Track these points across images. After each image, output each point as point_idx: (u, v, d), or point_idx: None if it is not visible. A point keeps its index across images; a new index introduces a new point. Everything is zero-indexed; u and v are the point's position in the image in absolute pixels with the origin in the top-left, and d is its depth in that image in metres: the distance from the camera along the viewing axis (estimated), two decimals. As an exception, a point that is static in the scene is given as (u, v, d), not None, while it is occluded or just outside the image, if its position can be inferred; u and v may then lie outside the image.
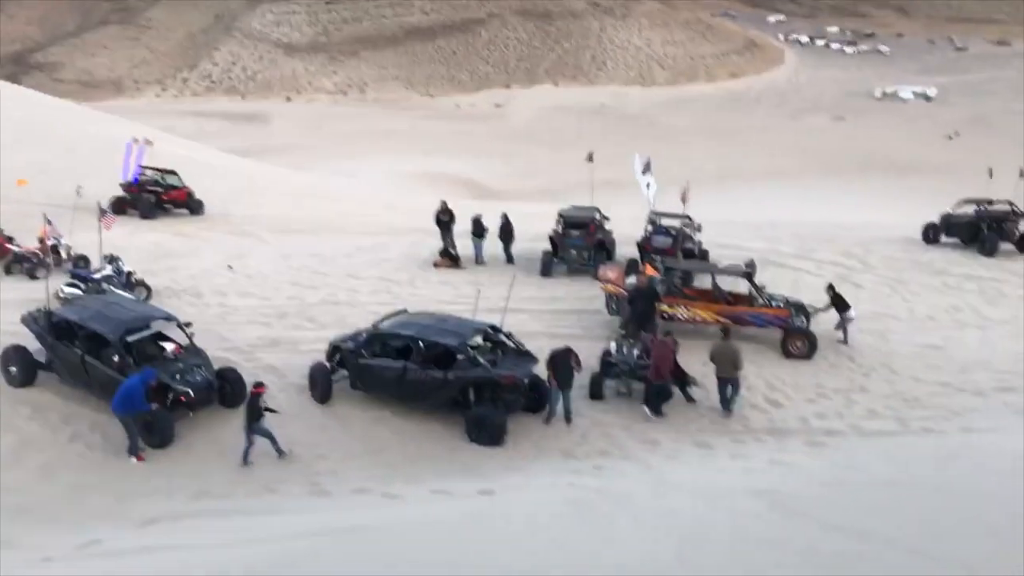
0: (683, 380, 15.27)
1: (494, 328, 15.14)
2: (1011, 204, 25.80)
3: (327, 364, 15.14)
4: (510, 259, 23.27)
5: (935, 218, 26.58)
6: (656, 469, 12.46)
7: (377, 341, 14.98)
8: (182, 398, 13.78)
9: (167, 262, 22.88)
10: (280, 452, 13.06)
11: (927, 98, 79.64)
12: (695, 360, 15.65)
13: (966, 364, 17.24)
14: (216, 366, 14.68)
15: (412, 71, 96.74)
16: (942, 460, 12.20)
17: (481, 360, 14.15)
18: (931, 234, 26.31)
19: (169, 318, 15.19)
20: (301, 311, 19.25)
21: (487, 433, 13.61)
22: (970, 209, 26.12)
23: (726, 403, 14.98)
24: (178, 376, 13.94)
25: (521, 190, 44.42)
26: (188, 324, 15.24)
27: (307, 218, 29.73)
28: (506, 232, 23.31)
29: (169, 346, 14.90)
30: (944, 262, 24.16)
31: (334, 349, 15.34)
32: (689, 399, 15.22)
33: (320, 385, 14.85)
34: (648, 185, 23.99)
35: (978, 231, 25.37)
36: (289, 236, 26.70)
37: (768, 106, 79.79)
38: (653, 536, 7.00)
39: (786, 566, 5.80)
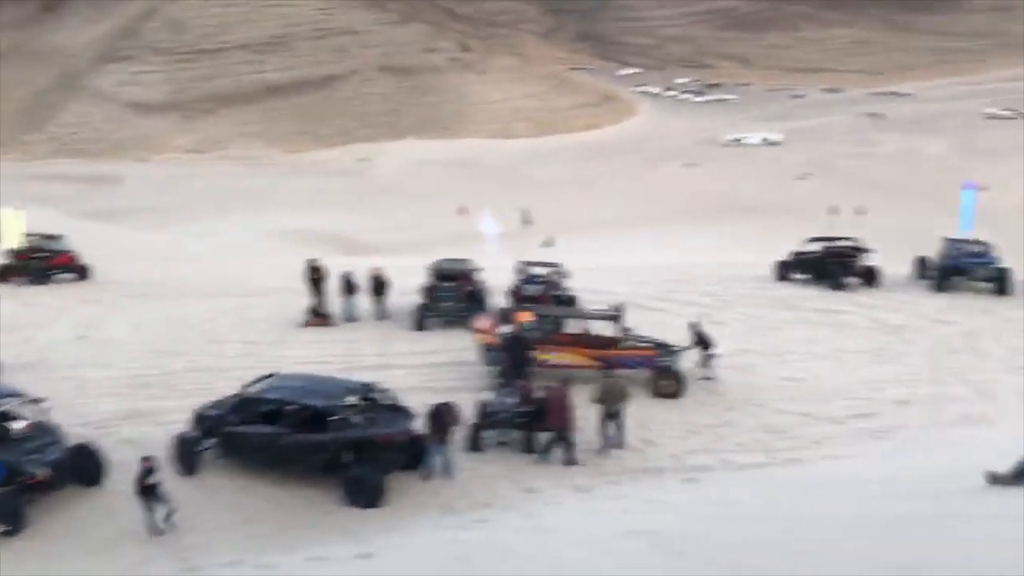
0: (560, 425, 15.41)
1: (368, 386, 14.90)
2: (853, 240, 27.53)
3: (192, 434, 14.52)
4: (383, 314, 23.07)
5: (786, 256, 28.04)
6: (537, 517, 12.44)
7: (245, 407, 14.47)
8: (36, 480, 12.89)
9: (16, 334, 21.54)
10: (156, 530, 12.40)
11: (772, 144, 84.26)
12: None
13: (824, 394, 18.12)
14: (72, 442, 13.85)
15: (272, 127, 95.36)
16: (807, 488, 12.72)
17: (356, 420, 13.87)
18: (783, 271, 27.73)
19: (17, 394, 14.26)
20: (162, 380, 18.45)
21: (364, 495, 13.30)
22: (817, 246, 27.70)
23: (616, 437, 15.27)
24: (30, 456, 13.05)
25: (391, 244, 44.18)
26: (40, 400, 14.33)
27: (165, 282, 28.68)
28: (378, 287, 23.12)
29: (18, 425, 13.94)
30: (797, 298, 25.46)
31: (199, 418, 14.72)
32: (567, 445, 15.34)
33: (185, 457, 14.20)
34: (489, 233, 24.46)
35: (826, 267, 26.90)
36: (147, 301, 25.65)
37: (625, 155, 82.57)
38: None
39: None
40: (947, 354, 20.72)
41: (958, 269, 26.48)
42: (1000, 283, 25.87)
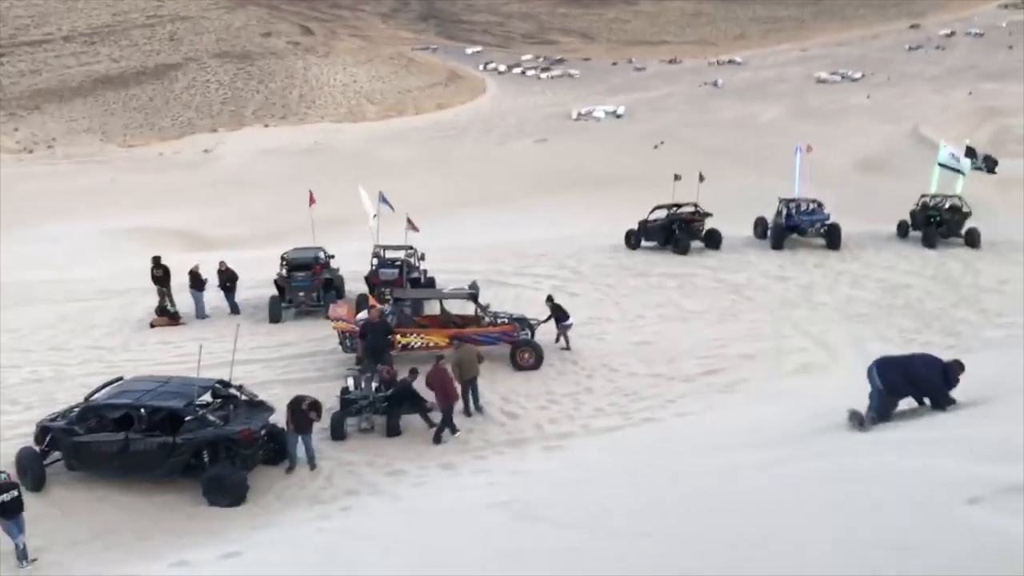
0: (421, 405, 15.50)
1: (222, 383, 14.54)
2: (695, 206, 28.69)
3: (36, 448, 13.79)
4: (234, 309, 22.45)
5: (634, 225, 28.96)
6: (405, 499, 12.51)
7: (92, 415, 13.85)
8: None
9: None
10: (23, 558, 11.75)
11: (617, 116, 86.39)
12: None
13: (674, 354, 18.89)
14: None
15: (106, 122, 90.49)
16: (662, 445, 13.29)
17: (211, 418, 13.52)
18: (632, 240, 28.65)
19: None
20: (1, 394, 17.40)
21: (226, 493, 13.00)
22: (662, 214, 28.73)
23: (476, 404, 15.84)
24: None
25: (240, 236, 42.90)
26: None
27: (2, 291, 26.92)
28: (226, 281, 22.47)
29: None
30: (646, 264, 26.36)
31: (43, 430, 13.99)
32: (431, 424, 15.46)
33: (31, 472, 13.47)
34: (375, 216, 24.10)
35: (671, 233, 27.96)
36: (-22, 313, 24.03)
37: (476, 134, 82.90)
38: (402, 565, 7.05)
39: (529, 571, 6.06)
40: (786, 308, 21.93)
41: (793, 227, 28.03)
42: (831, 238, 27.54)
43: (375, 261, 22.87)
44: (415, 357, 17.62)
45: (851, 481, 7.12)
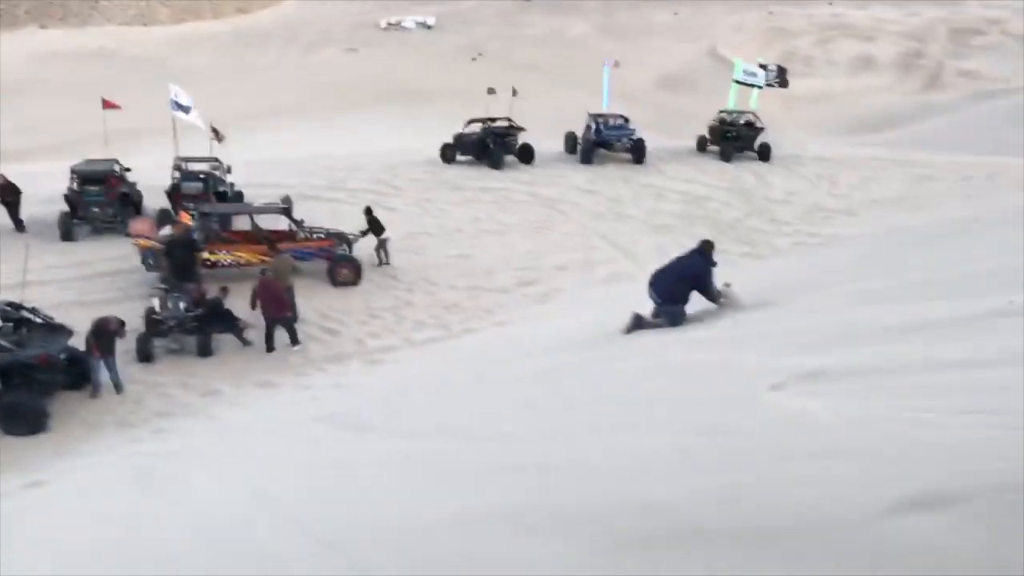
0: (235, 324, 15.05)
1: (13, 305, 13.47)
2: (509, 120, 28.87)
3: None
4: (19, 226, 20.66)
5: (449, 139, 28.85)
6: (222, 419, 12.20)
7: None
8: None
9: None
10: None
11: (428, 27, 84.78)
12: (244, 303, 15.46)
13: (491, 266, 19.22)
14: None
15: None
16: (482, 353, 13.59)
17: (3, 343, 12.55)
18: (448, 154, 28.56)
19: None
20: None
21: (24, 421, 12.18)
22: (477, 128, 28.74)
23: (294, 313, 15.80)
24: None
25: (21, 149, 39.21)
26: None
27: None
28: (9, 196, 20.60)
29: None
30: (462, 178, 26.42)
31: None
32: (245, 342, 15.06)
33: None
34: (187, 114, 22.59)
35: (485, 147, 28.07)
36: None
37: (281, 42, 78.99)
38: (224, 481, 6.90)
39: (359, 478, 6.09)
40: (596, 221, 22.70)
41: (601, 142, 28.81)
42: (637, 153, 28.55)
43: (177, 174, 21.61)
44: (225, 275, 16.98)
45: (663, 375, 7.59)
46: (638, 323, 11.32)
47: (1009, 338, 5.38)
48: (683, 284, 11.27)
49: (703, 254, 11.53)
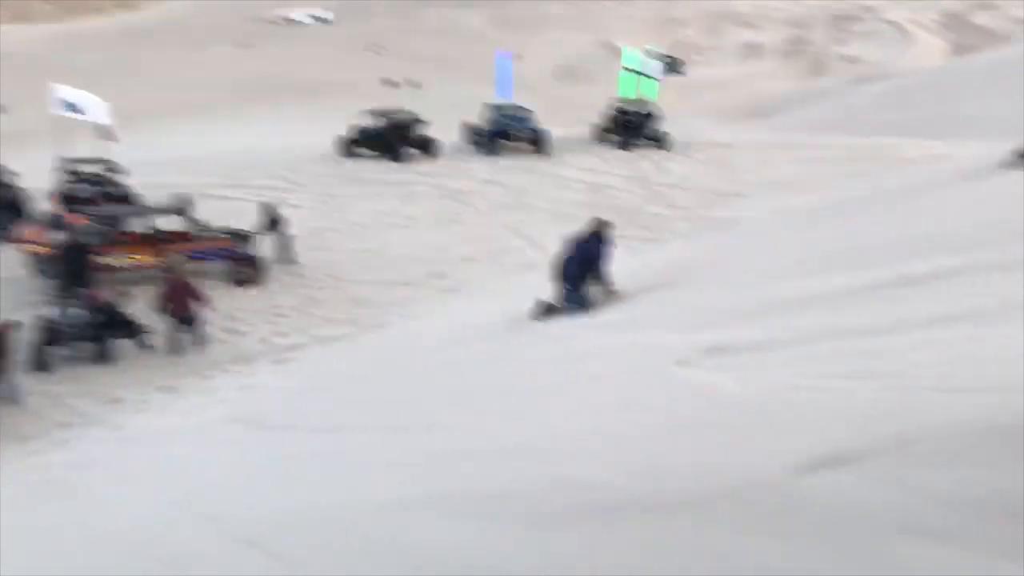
0: (134, 328, 14.61)
1: None
2: (410, 113, 28.74)
3: None
4: None
5: (348, 132, 28.51)
6: (127, 426, 11.82)
7: None
8: None
9: None
10: None
11: (324, 21, 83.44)
12: (143, 307, 15.02)
13: (399, 260, 19.12)
14: None
15: None
16: (394, 347, 13.54)
17: None
18: (348, 148, 28.23)
19: None
20: None
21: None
22: (377, 121, 28.49)
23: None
24: None
25: None
26: None
27: None
28: None
29: None
30: (364, 172, 26.16)
31: None
32: (146, 347, 14.63)
33: None
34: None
35: (386, 140, 27.86)
36: None
37: (171, 38, 76.51)
38: (139, 490, 6.73)
39: (278, 475, 6.02)
40: (502, 211, 22.83)
41: (502, 133, 28.93)
42: (539, 143, 28.79)
43: (68, 177, 20.78)
44: (122, 278, 16.43)
45: (575, 360, 7.73)
46: (545, 310, 11.49)
47: (901, 307, 5.70)
48: (584, 267, 11.51)
49: (600, 236, 11.79)
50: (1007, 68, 40.10)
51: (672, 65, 33.39)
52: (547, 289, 12.44)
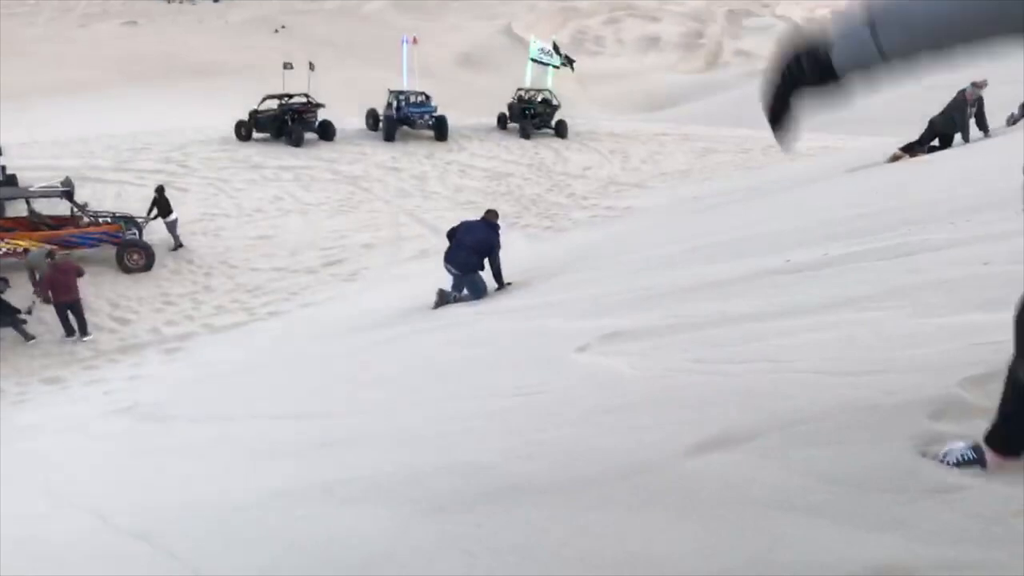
0: (14, 317, 13.93)
1: None
2: (307, 96, 28.16)
3: None
4: None
5: (244, 116, 27.77)
6: (6, 419, 11.27)
7: None
8: None
9: None
10: None
11: (216, 0, 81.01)
12: (24, 294, 14.34)
13: (295, 247, 18.77)
14: None
15: None
16: (289, 335, 13.28)
17: None
18: (243, 131, 27.51)
19: None
20: None
21: None
22: (274, 104, 27.83)
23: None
24: None
25: None
26: None
27: None
28: None
29: None
30: (260, 156, 25.57)
31: None
32: (28, 336, 13.97)
33: None
34: None
35: (284, 124, 27.26)
36: None
37: (52, 12, 73.09)
38: (17, 484, 6.40)
39: (165, 466, 5.83)
40: (401, 198, 22.66)
41: (403, 119, 28.70)
42: (439, 130, 28.67)
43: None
44: (2, 265, 15.63)
45: (474, 346, 7.72)
46: (444, 298, 11.51)
47: (787, 293, 5.88)
48: (477, 255, 11.69)
49: (491, 224, 12.00)
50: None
51: (567, 60, 33.65)
52: (446, 276, 12.43)
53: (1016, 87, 15.02)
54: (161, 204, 18.05)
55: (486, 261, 11.78)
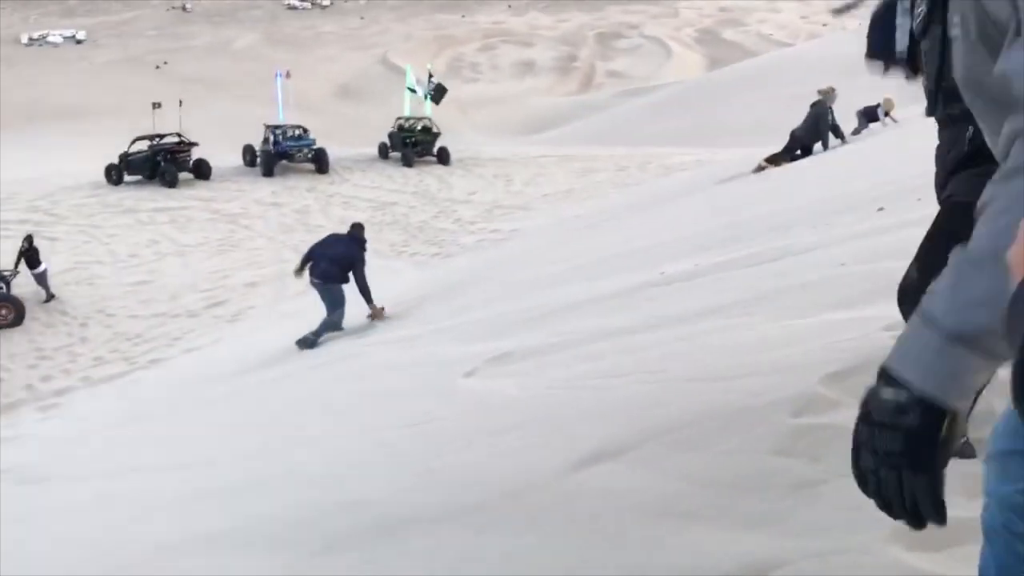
0: None
1: None
2: (180, 135, 27.49)
3: None
4: None
5: (115, 159, 26.88)
6: None
7: None
8: None
9: None
10: None
11: (77, 41, 78.28)
12: None
13: (175, 291, 18.23)
14: None
15: None
16: (172, 382, 12.88)
17: None
18: (114, 175, 26.61)
19: None
20: None
21: None
22: (144, 145, 27.05)
23: None
24: None
25: None
26: None
27: None
28: None
29: None
30: (133, 200, 24.77)
31: None
32: None
33: None
34: None
35: (156, 165, 26.50)
36: None
37: (-102, 60, 69.10)
38: None
39: (47, 528, 5.58)
40: (285, 233, 22.30)
41: (282, 153, 28.30)
42: (320, 162, 28.40)
43: None
44: None
45: (362, 379, 7.69)
46: (306, 343, 11.43)
47: (662, 305, 6.09)
48: (338, 267, 11.72)
49: (356, 238, 12.15)
50: (755, 79, 43.86)
51: (434, 91, 33.52)
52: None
53: (867, 95, 15.99)
54: (29, 255, 17.29)
55: (351, 275, 11.87)
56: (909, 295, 2.47)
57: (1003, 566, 1.55)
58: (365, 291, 11.96)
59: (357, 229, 12.65)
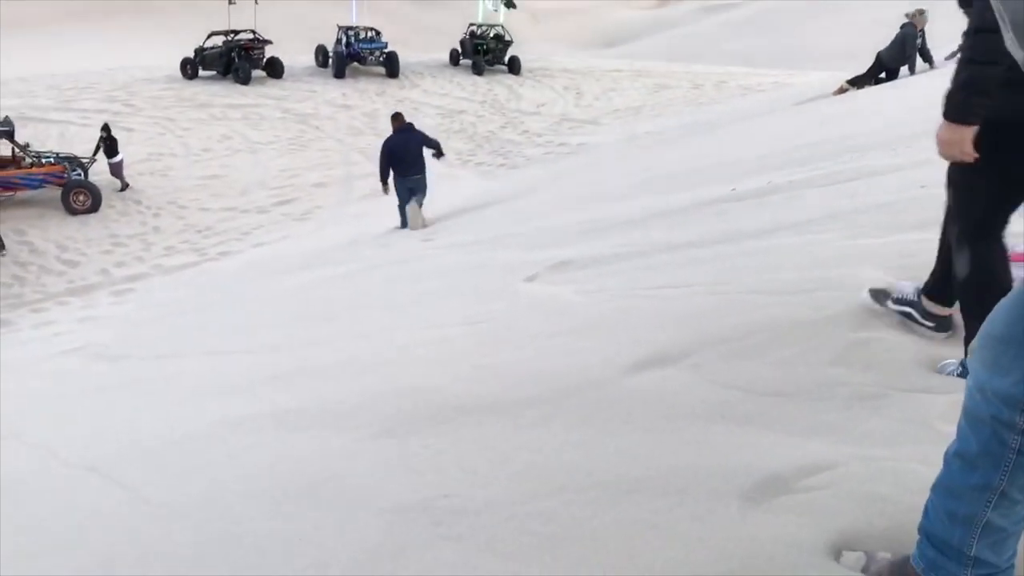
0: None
1: None
2: (254, 32, 27.50)
3: None
4: None
5: (190, 53, 27.08)
6: (-50, 364, 11.09)
7: None
8: None
9: None
10: None
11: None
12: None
13: (245, 187, 18.52)
14: None
15: None
16: (241, 274, 13.19)
17: None
18: (189, 69, 26.85)
19: None
20: None
21: None
22: (219, 41, 27.15)
23: None
24: None
25: None
26: None
27: None
28: None
29: None
30: (207, 95, 25.02)
31: None
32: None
33: None
34: None
35: (231, 61, 26.63)
36: None
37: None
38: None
39: (116, 402, 5.84)
40: (353, 136, 22.38)
41: (354, 55, 28.19)
42: (391, 66, 28.23)
43: None
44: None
45: (423, 279, 7.76)
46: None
47: (731, 220, 5.99)
48: (422, 156, 13.09)
49: (410, 127, 13.42)
50: (838, 1, 41.98)
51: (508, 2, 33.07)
52: (394, 215, 12.40)
53: (953, 22, 15.18)
54: (108, 144, 17.65)
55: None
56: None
57: (988, 453, 1.57)
58: (437, 144, 13.56)
59: (400, 119, 13.38)
